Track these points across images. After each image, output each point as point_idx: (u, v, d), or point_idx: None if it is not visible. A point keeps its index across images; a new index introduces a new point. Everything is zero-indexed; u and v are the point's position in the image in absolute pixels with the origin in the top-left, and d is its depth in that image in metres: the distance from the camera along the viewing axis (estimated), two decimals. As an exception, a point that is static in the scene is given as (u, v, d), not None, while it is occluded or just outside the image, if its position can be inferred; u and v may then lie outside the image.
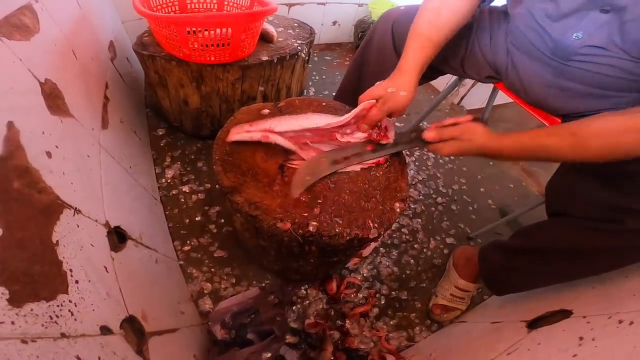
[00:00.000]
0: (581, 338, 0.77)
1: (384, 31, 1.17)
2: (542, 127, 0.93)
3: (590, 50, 0.83)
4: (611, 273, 0.92)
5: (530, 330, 0.93)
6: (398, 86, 0.92)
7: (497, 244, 1.19)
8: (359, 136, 1.00)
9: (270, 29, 1.51)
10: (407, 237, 1.59)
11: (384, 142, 1.00)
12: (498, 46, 1.07)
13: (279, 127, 0.97)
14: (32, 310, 0.46)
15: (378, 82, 0.96)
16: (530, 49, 0.96)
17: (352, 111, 0.95)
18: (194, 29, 1.19)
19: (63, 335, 0.50)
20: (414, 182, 1.85)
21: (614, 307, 0.81)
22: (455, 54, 1.13)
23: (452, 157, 2.06)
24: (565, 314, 0.90)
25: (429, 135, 0.93)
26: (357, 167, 1.00)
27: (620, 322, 0.75)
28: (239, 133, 0.98)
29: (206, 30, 1.20)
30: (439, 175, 1.93)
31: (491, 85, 1.28)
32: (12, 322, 0.42)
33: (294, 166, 0.97)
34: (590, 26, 0.82)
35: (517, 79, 1.04)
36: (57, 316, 0.50)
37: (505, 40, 1.05)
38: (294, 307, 1.25)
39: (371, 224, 0.88)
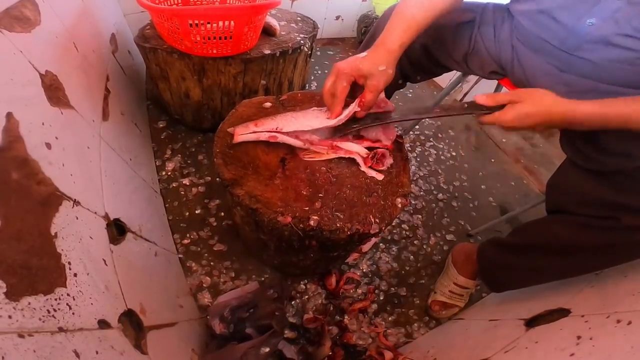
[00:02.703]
0: (579, 337, 0.77)
1: None
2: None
3: (603, 36, 0.81)
4: (610, 272, 0.92)
5: (528, 328, 0.93)
6: (381, 62, 0.90)
7: (495, 240, 1.19)
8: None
9: (273, 22, 1.51)
10: (407, 233, 1.59)
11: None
12: (502, 41, 1.06)
13: (287, 127, 0.96)
14: (29, 303, 0.46)
15: (358, 56, 0.92)
16: (536, 42, 0.95)
17: (348, 109, 0.93)
18: (196, 21, 1.19)
19: (61, 329, 0.50)
20: (415, 178, 1.84)
21: (612, 306, 0.81)
22: (458, 50, 1.12)
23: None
24: (563, 312, 0.90)
25: (481, 98, 0.87)
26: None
27: (618, 321, 0.75)
28: (245, 134, 0.97)
29: (208, 23, 1.20)
30: (440, 171, 1.93)
31: (495, 82, 1.28)
32: (9, 316, 0.42)
33: (308, 159, 0.97)
34: (604, 12, 0.79)
35: (523, 74, 1.03)
36: (55, 310, 0.50)
37: (510, 36, 1.04)
38: (292, 302, 1.25)
39: (372, 219, 0.88)
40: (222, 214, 1.44)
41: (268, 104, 1.10)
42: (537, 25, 0.93)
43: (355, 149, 0.97)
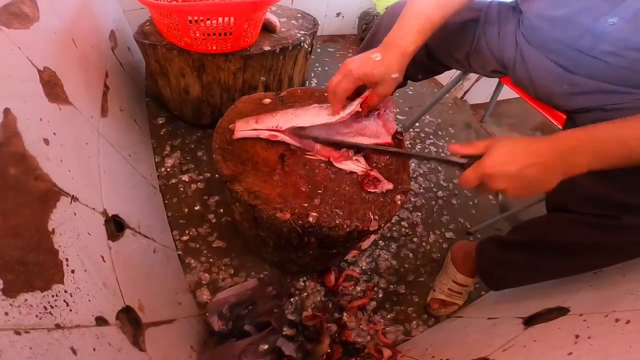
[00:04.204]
0: (577, 336, 0.77)
1: (390, 26, 1.15)
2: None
3: (622, 37, 0.79)
4: (609, 271, 0.92)
5: (527, 327, 0.93)
6: (394, 68, 0.87)
7: (494, 238, 1.19)
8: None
9: (273, 19, 1.50)
10: (407, 230, 1.59)
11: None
12: (506, 40, 1.05)
13: (288, 125, 0.96)
14: (26, 300, 0.46)
15: (371, 57, 0.87)
16: (546, 42, 0.94)
17: (353, 103, 0.93)
18: (196, 17, 1.18)
19: (57, 326, 0.50)
20: (414, 175, 1.84)
21: (611, 305, 0.81)
22: (461, 48, 1.12)
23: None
24: (561, 311, 0.90)
25: (455, 147, 0.78)
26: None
27: (616, 320, 0.74)
28: (245, 130, 0.97)
29: (208, 19, 1.19)
30: (440, 169, 1.92)
31: (496, 80, 1.27)
32: (6, 313, 0.42)
33: (310, 157, 0.97)
34: (627, 12, 0.77)
35: (526, 73, 1.03)
36: (52, 307, 0.50)
37: (514, 35, 1.03)
38: (291, 299, 1.25)
39: (371, 216, 0.88)
40: (222, 210, 1.44)
41: (267, 101, 1.10)
42: (550, 24, 0.92)
43: (353, 168, 0.97)
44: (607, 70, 0.85)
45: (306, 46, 1.59)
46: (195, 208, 1.43)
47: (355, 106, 0.92)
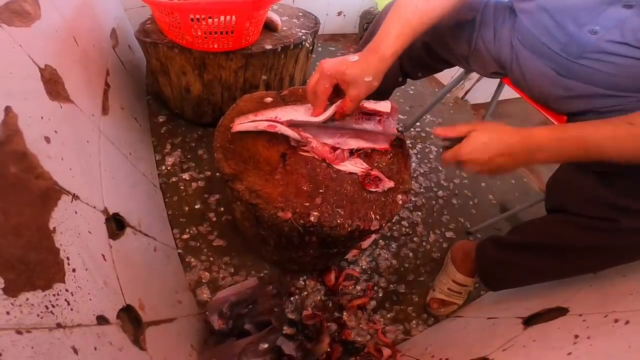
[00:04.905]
0: (576, 336, 0.77)
1: None
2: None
3: (606, 46, 0.80)
4: (608, 272, 0.92)
5: (526, 327, 0.93)
6: (369, 71, 0.86)
7: (494, 238, 1.19)
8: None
9: (275, 17, 1.50)
10: (407, 230, 1.59)
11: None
12: (502, 42, 1.05)
13: (286, 117, 0.96)
14: (27, 299, 0.46)
15: (348, 58, 0.88)
16: (537, 46, 0.94)
17: (328, 111, 0.93)
18: (197, 16, 1.18)
19: (59, 325, 0.50)
20: (415, 175, 1.84)
21: (610, 305, 0.81)
22: (459, 51, 1.11)
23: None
24: (561, 311, 0.90)
25: (439, 129, 0.86)
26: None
27: (616, 321, 0.75)
28: (243, 123, 0.96)
29: (210, 17, 1.19)
30: (440, 168, 1.92)
31: (497, 80, 1.27)
32: (7, 312, 0.42)
33: (306, 154, 0.97)
34: (609, 21, 0.78)
35: (522, 76, 1.03)
36: (53, 306, 0.50)
37: (510, 36, 1.03)
38: (291, 298, 1.25)
39: (373, 216, 0.88)
40: (222, 209, 1.44)
41: (269, 99, 1.10)
42: (538, 27, 0.92)
43: (351, 169, 0.97)
44: (596, 76, 0.86)
45: (307, 45, 1.58)
46: (196, 206, 1.43)
47: (332, 110, 0.92)
